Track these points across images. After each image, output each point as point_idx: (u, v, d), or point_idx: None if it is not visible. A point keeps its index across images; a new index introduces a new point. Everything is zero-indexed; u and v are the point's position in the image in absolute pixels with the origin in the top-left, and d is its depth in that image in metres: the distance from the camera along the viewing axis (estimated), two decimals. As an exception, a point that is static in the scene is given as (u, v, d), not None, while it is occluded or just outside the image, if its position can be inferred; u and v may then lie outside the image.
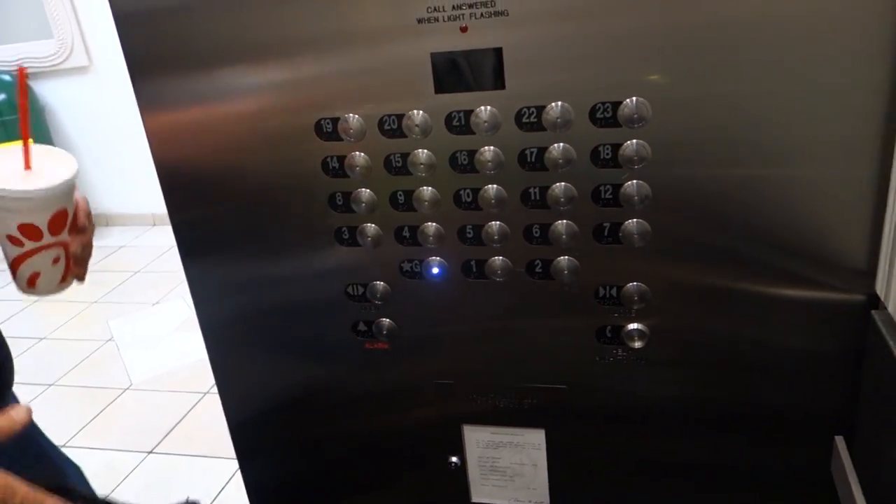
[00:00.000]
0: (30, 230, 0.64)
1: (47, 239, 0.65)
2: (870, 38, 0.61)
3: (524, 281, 0.79)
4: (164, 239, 3.96)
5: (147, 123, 0.82)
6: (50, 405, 2.49)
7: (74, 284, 0.74)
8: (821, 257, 0.70)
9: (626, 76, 0.67)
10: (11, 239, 0.64)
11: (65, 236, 0.66)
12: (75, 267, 0.69)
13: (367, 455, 0.97)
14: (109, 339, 2.93)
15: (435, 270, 0.81)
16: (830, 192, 0.67)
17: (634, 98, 0.67)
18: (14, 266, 0.66)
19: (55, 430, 1.05)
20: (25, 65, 3.90)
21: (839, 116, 0.64)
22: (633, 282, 0.75)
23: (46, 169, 0.64)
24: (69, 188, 0.65)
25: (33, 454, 0.91)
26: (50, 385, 2.62)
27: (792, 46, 0.63)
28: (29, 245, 0.64)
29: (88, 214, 0.72)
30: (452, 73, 0.71)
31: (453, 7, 0.68)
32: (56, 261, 0.66)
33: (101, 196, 4.20)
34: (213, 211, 0.86)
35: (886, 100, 0.62)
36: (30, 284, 0.66)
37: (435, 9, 0.69)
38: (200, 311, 0.93)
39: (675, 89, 0.67)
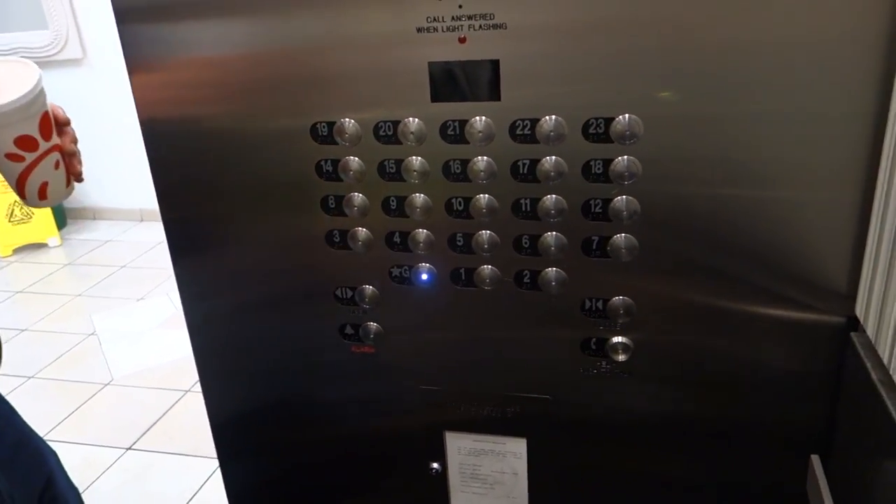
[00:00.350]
0: (25, 142, 0.64)
1: (43, 146, 0.65)
2: (858, 67, 0.62)
3: (512, 291, 0.79)
4: (152, 234, 3.94)
5: (142, 119, 0.82)
6: (29, 397, 2.46)
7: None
8: (803, 278, 0.71)
9: (621, 93, 0.68)
10: (11, 157, 0.64)
11: (55, 139, 0.66)
12: (74, 165, 0.68)
13: (347, 459, 0.97)
14: (92, 333, 2.91)
15: (424, 277, 0.82)
16: (815, 214, 0.68)
17: (627, 115, 0.68)
18: (20, 183, 0.65)
19: (33, 423, 1.05)
20: (20, 55, 3.88)
21: (825, 142, 0.66)
22: (619, 295, 0.76)
23: (10, 79, 0.63)
24: (42, 89, 0.64)
25: (14, 440, 0.91)
26: (30, 377, 2.60)
27: (783, 72, 0.64)
28: (29, 157, 0.64)
29: (61, 109, 0.70)
30: (449, 82, 0.72)
31: (452, 18, 0.69)
32: (57, 165, 0.66)
33: (90, 189, 4.18)
34: (204, 209, 0.86)
35: (872, 127, 0.64)
36: (41, 197, 0.66)
37: (434, 19, 0.69)
38: (188, 309, 0.93)
39: (668, 108, 0.68)
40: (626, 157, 0.70)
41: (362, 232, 0.81)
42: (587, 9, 0.66)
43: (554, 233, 0.75)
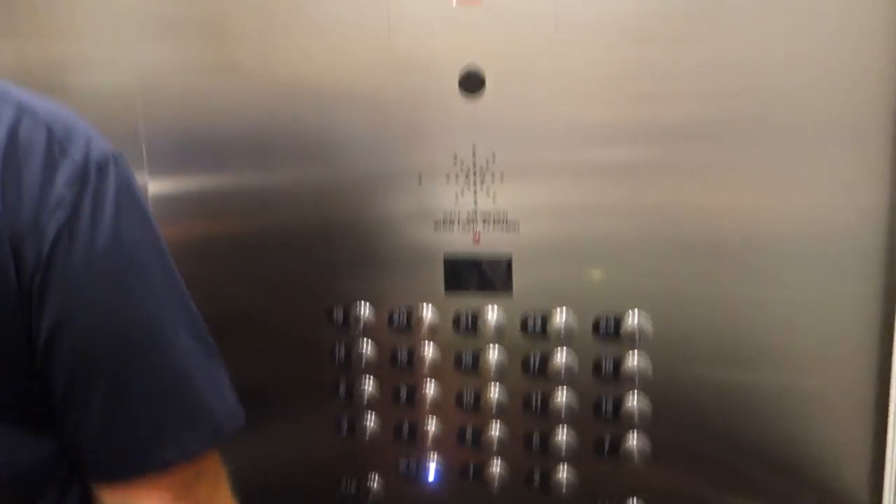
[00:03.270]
0: None
1: None
2: (868, 256, 0.64)
3: (521, 490, 0.76)
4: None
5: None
6: None
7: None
8: (821, 485, 0.68)
9: (630, 288, 0.70)
10: None
11: None
12: None
13: None
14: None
15: (430, 474, 0.79)
16: (832, 425, 0.67)
17: (636, 310, 0.70)
18: None
19: None
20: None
21: (839, 332, 0.66)
22: (631, 496, 0.73)
23: None
24: None
25: None
26: None
27: (795, 259, 0.66)
28: None
29: None
30: (462, 275, 0.75)
31: (468, 215, 0.73)
32: None
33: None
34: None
35: (882, 314, 0.64)
36: None
37: (451, 214, 0.74)
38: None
39: (678, 301, 0.69)
40: (636, 353, 0.71)
41: (370, 420, 0.80)
42: (598, 199, 0.70)
43: (565, 430, 0.74)
